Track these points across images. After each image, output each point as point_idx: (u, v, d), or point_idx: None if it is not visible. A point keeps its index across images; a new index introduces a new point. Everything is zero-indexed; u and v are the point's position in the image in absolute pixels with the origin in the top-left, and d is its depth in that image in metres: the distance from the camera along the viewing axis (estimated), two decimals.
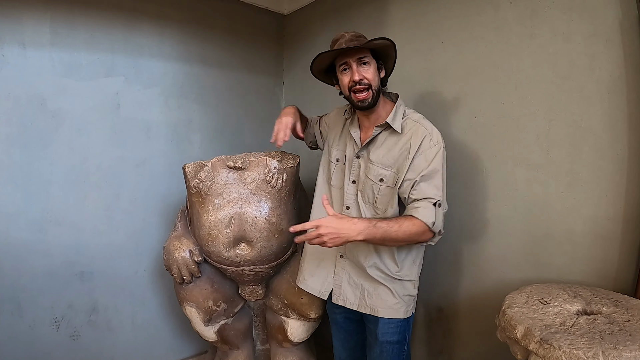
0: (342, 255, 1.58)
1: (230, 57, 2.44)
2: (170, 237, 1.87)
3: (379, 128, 1.49)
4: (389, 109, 1.52)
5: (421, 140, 1.41)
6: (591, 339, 1.03)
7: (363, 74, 1.42)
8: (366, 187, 1.51)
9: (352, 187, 1.56)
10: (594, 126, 1.43)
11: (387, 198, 1.48)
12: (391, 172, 1.46)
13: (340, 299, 1.59)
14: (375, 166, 1.49)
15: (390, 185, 1.46)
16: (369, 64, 1.43)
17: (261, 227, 1.67)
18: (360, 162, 1.54)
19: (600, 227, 1.43)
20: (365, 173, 1.51)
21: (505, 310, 1.26)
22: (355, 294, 1.56)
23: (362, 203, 1.52)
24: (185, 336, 2.40)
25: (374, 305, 1.52)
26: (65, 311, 2.01)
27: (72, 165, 1.98)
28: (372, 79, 1.42)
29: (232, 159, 1.72)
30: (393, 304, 1.50)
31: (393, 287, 1.50)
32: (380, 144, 1.51)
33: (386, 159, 1.47)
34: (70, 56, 1.93)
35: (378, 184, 1.48)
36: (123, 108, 2.08)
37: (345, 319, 1.71)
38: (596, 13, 1.41)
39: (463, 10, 1.76)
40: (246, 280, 1.79)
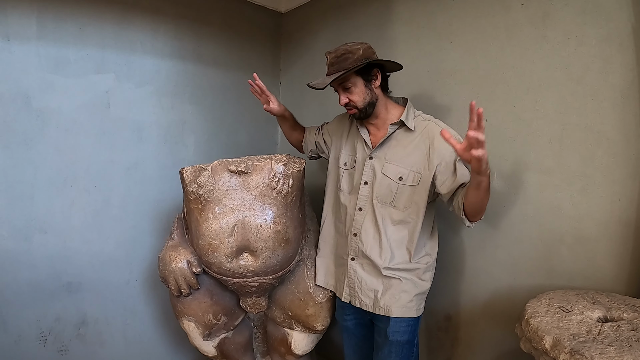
0: (354, 258, 1.68)
1: (226, 55, 2.42)
2: (166, 246, 1.82)
3: (394, 126, 1.60)
4: (397, 113, 1.64)
5: (434, 135, 1.55)
6: (620, 347, 1.06)
7: (348, 97, 1.57)
8: (382, 186, 1.61)
9: (365, 188, 1.66)
10: (607, 130, 1.48)
11: (406, 197, 1.58)
12: (410, 170, 1.57)
13: (357, 301, 1.68)
14: (393, 165, 1.59)
15: (410, 183, 1.57)
16: (353, 86, 1.56)
17: (266, 236, 1.62)
18: (374, 163, 1.64)
19: (613, 231, 1.48)
20: (381, 172, 1.61)
21: (529, 320, 1.28)
22: (370, 296, 1.66)
23: (377, 203, 1.62)
24: (180, 350, 2.37)
25: (387, 305, 1.61)
26: (53, 325, 1.96)
27: (58, 169, 1.93)
28: (357, 100, 1.57)
29: (235, 163, 1.67)
30: (406, 302, 1.60)
31: (407, 283, 1.60)
32: (395, 143, 1.62)
33: (404, 157, 1.58)
34: (57, 51, 1.87)
35: (396, 182, 1.58)
36: (113, 107, 2.04)
37: (356, 325, 1.78)
38: (609, 16, 1.46)
39: (473, 11, 1.80)
40: (248, 292, 1.75)
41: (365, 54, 1.53)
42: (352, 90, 1.57)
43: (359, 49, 1.53)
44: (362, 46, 1.54)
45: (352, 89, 1.57)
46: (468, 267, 1.86)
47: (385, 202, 1.61)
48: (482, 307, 1.82)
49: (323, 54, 2.43)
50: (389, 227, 1.62)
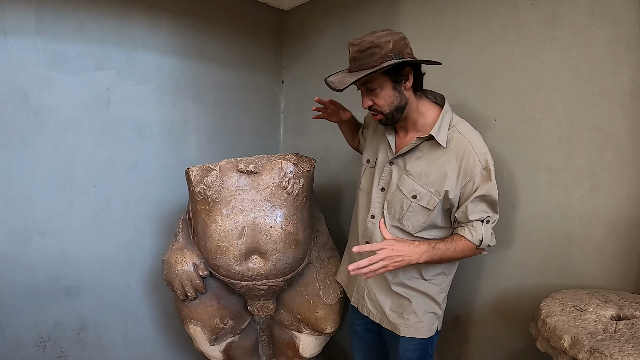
0: None
1: (228, 53, 2.41)
2: (170, 249, 1.81)
3: (420, 139, 1.42)
4: (431, 115, 1.45)
5: (471, 163, 1.37)
6: (637, 344, 1.09)
7: (372, 99, 1.39)
8: (395, 199, 1.47)
9: (379, 194, 1.53)
10: (616, 131, 1.51)
11: (416, 217, 1.44)
12: (427, 191, 1.41)
13: (364, 309, 1.63)
14: (411, 179, 1.44)
15: (423, 204, 1.42)
16: (379, 88, 1.37)
17: (277, 237, 1.62)
18: (393, 170, 1.49)
19: (621, 230, 1.51)
20: (397, 184, 1.47)
21: (545, 319, 1.30)
22: (377, 309, 1.59)
23: (387, 215, 1.50)
24: (182, 354, 2.35)
25: (395, 324, 1.53)
26: (51, 330, 1.92)
27: (57, 168, 1.89)
28: (383, 105, 1.38)
29: (243, 162, 1.66)
30: (415, 322, 1.52)
31: (417, 303, 1.51)
32: (420, 155, 1.44)
33: (425, 174, 1.41)
34: (56, 46, 1.84)
35: (409, 199, 1.43)
36: (114, 105, 2.01)
37: (365, 330, 1.73)
38: (617, 18, 1.50)
39: (482, 11, 1.82)
40: (257, 295, 1.74)
41: (396, 47, 1.30)
42: (377, 93, 1.37)
43: (389, 41, 1.29)
44: (393, 37, 1.31)
45: (378, 92, 1.37)
46: (477, 267, 1.88)
47: (395, 216, 1.48)
48: (491, 307, 1.84)
49: (327, 53, 2.48)
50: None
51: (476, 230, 1.40)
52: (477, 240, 1.40)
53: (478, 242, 1.40)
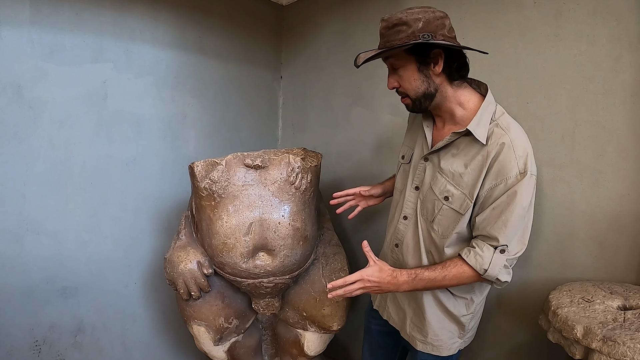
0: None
1: (227, 47, 2.41)
2: (173, 247, 1.80)
3: (456, 134, 1.28)
4: (472, 107, 1.31)
5: (506, 162, 1.21)
6: None
7: (397, 80, 1.30)
8: (427, 199, 1.36)
9: (413, 194, 1.43)
10: (618, 127, 1.59)
11: (448, 221, 1.32)
12: (460, 192, 1.28)
13: (385, 313, 1.60)
14: (443, 178, 1.31)
15: (455, 208, 1.29)
16: (402, 68, 1.27)
17: (285, 233, 1.63)
18: (427, 167, 1.38)
19: (623, 224, 1.59)
20: (430, 183, 1.35)
21: (556, 311, 1.36)
22: (399, 316, 1.54)
23: (420, 217, 1.40)
24: (182, 356, 2.34)
25: (413, 337, 1.48)
26: (47, 333, 1.89)
27: (52, 164, 1.86)
28: (407, 88, 1.28)
29: (250, 157, 1.67)
30: (433, 340, 1.44)
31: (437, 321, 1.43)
32: (456, 152, 1.31)
33: (460, 174, 1.28)
34: (52, 37, 1.81)
35: (441, 201, 1.31)
36: (111, 99, 1.99)
37: (379, 332, 1.70)
38: (620, 17, 1.58)
39: (485, 7, 1.88)
40: (262, 293, 1.74)
41: (428, 27, 1.19)
42: (401, 74, 1.28)
43: (419, 19, 1.19)
44: (426, 16, 1.20)
45: (401, 72, 1.27)
46: None
47: (427, 219, 1.37)
48: (495, 301, 1.90)
49: (327, 48, 2.51)
50: (430, 246, 1.39)
51: (482, 255, 1.24)
52: (481, 268, 1.23)
53: (482, 271, 1.23)
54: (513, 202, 1.20)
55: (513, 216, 1.21)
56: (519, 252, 1.27)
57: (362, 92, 2.34)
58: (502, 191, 1.22)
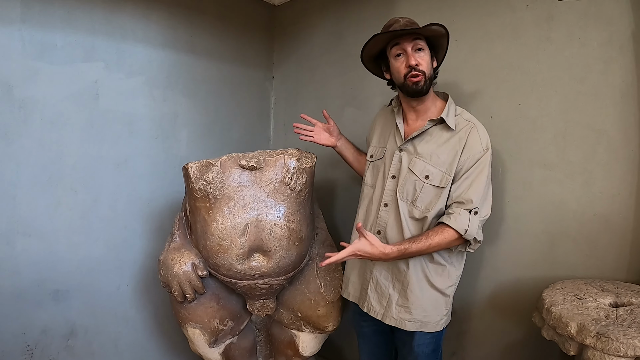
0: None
1: (219, 46, 2.42)
2: (167, 249, 1.80)
3: (432, 122, 1.58)
4: (439, 105, 1.63)
5: (472, 141, 1.53)
6: (639, 328, 1.20)
7: (418, 59, 1.51)
8: (407, 182, 1.58)
9: (391, 182, 1.63)
10: (608, 128, 1.64)
11: (429, 197, 1.55)
12: (439, 170, 1.53)
13: (365, 306, 1.68)
14: (422, 161, 1.56)
15: (435, 184, 1.54)
16: (424, 51, 1.53)
17: (280, 234, 1.64)
18: (403, 156, 1.61)
19: (613, 223, 1.64)
20: (408, 167, 1.58)
21: (550, 308, 1.39)
22: (382, 303, 1.64)
23: (400, 200, 1.58)
24: (175, 358, 2.34)
25: (401, 319, 1.59)
26: (39, 337, 1.88)
27: (42, 165, 1.85)
28: (426, 66, 1.53)
29: (245, 158, 1.67)
30: (422, 316, 1.58)
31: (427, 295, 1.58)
32: (429, 138, 1.58)
33: (436, 155, 1.54)
34: (43, 36, 1.80)
35: (422, 180, 1.55)
36: (102, 98, 1.98)
37: (373, 332, 1.78)
38: (610, 21, 1.63)
39: (478, 10, 1.92)
40: (257, 294, 1.75)
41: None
42: (422, 55, 1.53)
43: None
44: None
45: (423, 53, 1.53)
46: (474, 261, 1.97)
47: (407, 200, 1.58)
48: (488, 299, 1.94)
49: (321, 48, 2.53)
50: (412, 225, 1.58)
51: (461, 218, 1.47)
52: (462, 229, 1.46)
53: (463, 231, 1.46)
54: (481, 172, 1.51)
55: (481, 183, 1.51)
56: (486, 216, 1.56)
57: (354, 93, 2.36)
58: (472, 164, 1.51)
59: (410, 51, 1.52)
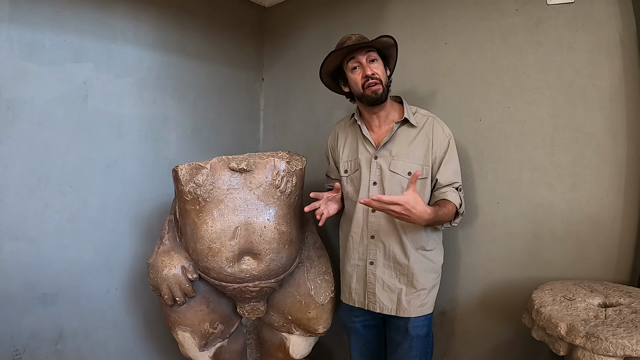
0: (373, 262, 1.72)
1: (209, 48, 2.41)
2: (156, 252, 1.78)
3: (398, 124, 1.71)
4: (397, 108, 1.77)
5: (437, 132, 1.69)
6: (628, 328, 1.21)
7: (374, 69, 1.64)
8: (393, 183, 1.69)
9: (374, 188, 1.72)
10: (596, 131, 1.67)
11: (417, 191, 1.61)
12: (417, 164, 1.67)
13: (376, 306, 1.73)
14: (400, 161, 1.68)
15: (420, 177, 1.65)
16: (377, 61, 1.67)
17: (271, 237, 1.64)
18: (381, 162, 1.71)
19: (602, 225, 1.67)
20: (390, 169, 1.69)
21: (539, 309, 1.41)
22: (392, 299, 1.71)
23: None
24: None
25: (412, 306, 1.69)
26: (28, 341, 1.85)
27: (30, 167, 1.83)
28: (382, 75, 1.65)
29: (235, 160, 1.66)
30: (424, 301, 1.70)
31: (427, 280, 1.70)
32: (399, 140, 1.71)
33: (411, 152, 1.68)
34: (32, 36, 1.78)
35: (406, 177, 1.66)
36: (91, 100, 1.96)
37: (365, 327, 1.84)
38: (599, 26, 1.66)
39: (468, 13, 1.95)
40: (248, 297, 1.75)
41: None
42: (376, 65, 1.66)
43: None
44: None
45: (377, 64, 1.66)
46: (463, 263, 1.99)
47: None
48: (478, 301, 1.96)
49: (311, 50, 2.53)
50: (404, 225, 1.65)
51: (454, 195, 1.64)
52: (458, 203, 1.64)
53: (459, 206, 1.64)
54: (453, 155, 1.69)
55: (455, 164, 1.70)
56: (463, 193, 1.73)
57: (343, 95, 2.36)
58: (444, 151, 1.68)
59: (365, 62, 1.65)
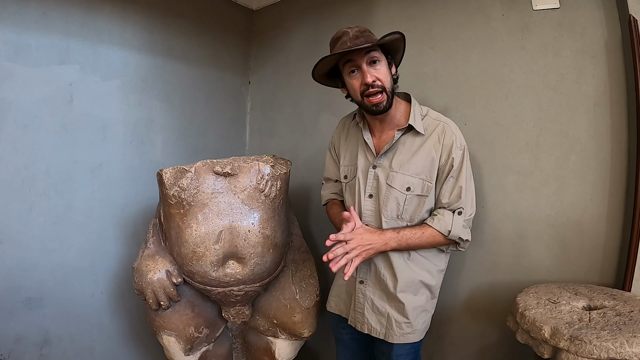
0: (363, 281, 1.60)
1: (196, 50, 2.41)
2: (141, 256, 1.77)
3: (400, 132, 1.49)
4: (403, 109, 1.54)
5: (447, 142, 1.47)
6: (611, 330, 1.22)
7: (375, 74, 1.39)
8: (389, 199, 1.51)
9: (369, 202, 1.56)
10: (580, 135, 1.68)
11: (413, 208, 1.50)
12: (419, 179, 1.48)
13: (365, 327, 1.60)
14: (400, 174, 1.49)
15: (418, 193, 1.48)
16: (380, 62, 1.41)
17: (255, 241, 1.63)
18: (378, 173, 1.54)
19: (586, 228, 1.68)
20: (387, 182, 1.51)
21: (524, 313, 1.42)
22: (381, 322, 1.57)
23: (384, 218, 1.52)
24: None
25: (403, 334, 1.54)
26: (12, 346, 1.82)
27: (15, 169, 1.81)
28: (385, 80, 1.40)
29: (220, 164, 1.66)
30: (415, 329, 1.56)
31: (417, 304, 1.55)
32: (402, 149, 1.51)
33: (413, 165, 1.48)
34: (17, 37, 1.77)
35: (404, 193, 1.48)
36: (77, 102, 1.95)
37: (352, 339, 1.76)
38: (584, 31, 1.67)
39: (455, 18, 1.96)
40: (233, 301, 1.75)
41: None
42: (379, 67, 1.40)
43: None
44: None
45: (379, 67, 1.40)
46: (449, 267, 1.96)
47: (392, 216, 1.51)
48: (464, 304, 1.96)
49: (298, 54, 2.54)
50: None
51: (444, 219, 1.46)
52: (445, 230, 1.45)
53: (446, 232, 1.45)
54: (462, 172, 1.47)
55: (463, 183, 1.47)
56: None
57: (330, 99, 2.37)
58: (451, 166, 1.46)
59: (365, 67, 1.39)
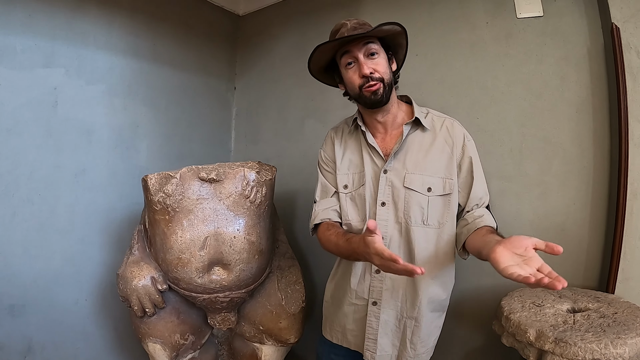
0: (376, 302, 1.43)
1: (181, 55, 2.40)
2: (126, 262, 1.75)
3: (408, 125, 1.39)
4: (405, 109, 1.45)
5: (457, 136, 1.39)
6: (596, 332, 1.24)
7: (372, 66, 1.31)
8: (411, 203, 1.36)
9: (383, 210, 1.38)
10: (563, 142, 1.71)
11: (438, 210, 1.36)
12: (438, 178, 1.36)
13: (375, 354, 1.43)
14: (417, 175, 1.36)
15: (440, 193, 1.35)
16: (379, 55, 1.32)
17: (240, 247, 1.62)
18: (391, 177, 1.38)
19: (569, 232, 1.70)
20: (404, 185, 1.36)
21: (509, 316, 1.43)
22: (394, 344, 1.44)
23: (404, 227, 1.37)
24: None
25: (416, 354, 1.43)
26: None
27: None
28: (383, 72, 1.32)
29: (205, 170, 1.64)
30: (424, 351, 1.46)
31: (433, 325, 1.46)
32: (413, 148, 1.39)
33: (429, 163, 1.36)
34: (2, 39, 1.75)
35: (426, 195, 1.34)
36: (61, 106, 1.93)
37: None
38: (567, 39, 1.70)
39: (439, 26, 1.98)
40: (218, 308, 1.73)
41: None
42: (377, 59, 1.32)
43: None
44: None
45: (377, 58, 1.32)
46: None
47: (417, 222, 1.35)
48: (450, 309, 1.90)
49: (283, 60, 2.54)
50: (424, 254, 1.36)
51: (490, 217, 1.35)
52: (495, 225, 1.34)
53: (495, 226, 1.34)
54: (474, 164, 1.38)
55: (480, 174, 1.39)
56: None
57: (316, 105, 2.38)
58: (467, 160, 1.38)
59: (362, 59, 1.30)
